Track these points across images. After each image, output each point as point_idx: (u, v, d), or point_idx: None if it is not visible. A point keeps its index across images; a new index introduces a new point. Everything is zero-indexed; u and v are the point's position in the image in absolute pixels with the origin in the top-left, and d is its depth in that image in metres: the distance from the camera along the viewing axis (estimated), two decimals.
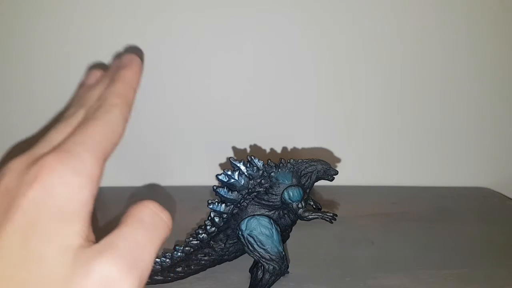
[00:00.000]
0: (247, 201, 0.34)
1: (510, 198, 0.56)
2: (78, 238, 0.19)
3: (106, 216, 0.35)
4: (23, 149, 0.22)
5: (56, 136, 0.22)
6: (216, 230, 0.35)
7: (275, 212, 0.34)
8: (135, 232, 0.20)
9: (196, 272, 0.36)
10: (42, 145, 0.22)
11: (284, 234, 0.36)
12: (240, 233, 0.34)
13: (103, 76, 0.27)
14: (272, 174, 0.34)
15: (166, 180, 0.55)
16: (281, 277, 0.35)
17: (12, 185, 0.20)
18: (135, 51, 0.49)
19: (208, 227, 0.35)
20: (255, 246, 0.33)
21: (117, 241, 0.19)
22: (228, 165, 0.34)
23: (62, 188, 0.19)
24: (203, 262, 0.35)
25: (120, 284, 0.18)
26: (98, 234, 0.20)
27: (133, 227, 0.20)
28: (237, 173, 0.33)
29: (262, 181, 0.34)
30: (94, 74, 0.28)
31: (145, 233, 0.20)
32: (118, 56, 0.28)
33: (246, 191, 0.34)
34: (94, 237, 0.20)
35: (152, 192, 0.54)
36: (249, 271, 0.37)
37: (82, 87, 0.28)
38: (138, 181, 0.55)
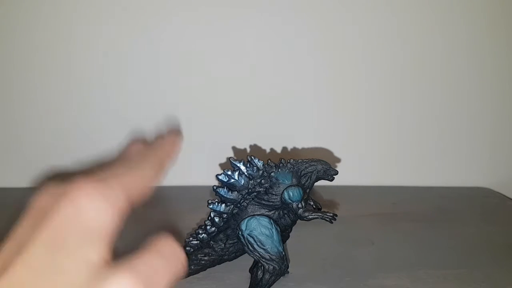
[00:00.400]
0: (247, 201, 0.34)
1: (510, 198, 0.56)
2: (100, 257, 0.20)
3: None
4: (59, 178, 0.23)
5: (94, 176, 0.24)
6: (216, 230, 0.35)
7: (275, 212, 0.34)
8: (153, 259, 0.21)
9: (196, 272, 0.36)
10: (78, 178, 0.23)
11: (284, 234, 0.36)
12: (240, 233, 0.34)
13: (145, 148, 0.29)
14: (272, 174, 0.34)
15: (166, 180, 0.55)
16: (281, 277, 0.35)
17: (46, 204, 0.21)
18: (174, 122, 0.52)
19: (208, 227, 0.35)
20: (255, 246, 0.33)
21: (135, 263, 0.20)
22: (228, 165, 0.34)
23: (92, 210, 0.20)
24: (203, 262, 0.35)
25: None
26: None
27: (151, 255, 0.21)
28: (237, 173, 0.33)
29: (262, 181, 0.34)
30: (136, 146, 0.30)
31: (162, 262, 0.21)
32: (161, 134, 0.30)
33: (246, 191, 0.34)
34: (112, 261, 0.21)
35: (152, 192, 0.53)
36: (249, 271, 0.37)
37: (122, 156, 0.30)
38: None
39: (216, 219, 0.34)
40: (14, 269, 0.19)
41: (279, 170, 0.34)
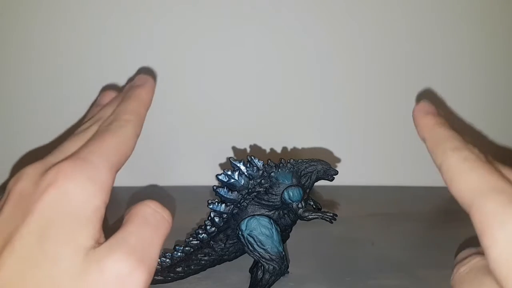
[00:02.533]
0: (247, 201, 0.34)
1: None
2: (90, 240, 0.20)
3: (108, 215, 0.35)
4: (35, 158, 0.22)
5: (70, 147, 0.23)
6: (216, 230, 0.35)
7: (275, 212, 0.34)
8: (141, 229, 0.21)
9: (196, 272, 0.36)
10: (56, 155, 0.23)
11: (284, 234, 0.36)
12: (240, 233, 0.34)
13: (117, 97, 0.28)
14: (272, 174, 0.34)
15: (166, 180, 0.56)
16: (281, 277, 0.35)
17: (27, 190, 0.20)
18: (148, 72, 0.49)
19: (208, 227, 0.35)
20: (255, 246, 0.33)
21: (126, 238, 0.20)
22: (228, 165, 0.34)
23: (77, 194, 0.20)
24: (203, 262, 0.35)
25: (132, 278, 0.19)
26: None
27: (139, 225, 0.21)
28: (237, 173, 0.33)
29: (262, 181, 0.34)
30: (108, 94, 0.29)
31: (150, 230, 0.21)
32: (132, 78, 0.29)
33: (246, 191, 0.34)
34: (104, 241, 0.21)
35: (152, 192, 0.54)
36: (249, 271, 0.37)
37: (96, 106, 0.29)
38: (138, 181, 0.55)
39: (216, 219, 0.34)
40: (1, 263, 0.18)
41: (279, 170, 0.34)
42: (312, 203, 0.37)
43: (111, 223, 0.33)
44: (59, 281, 0.18)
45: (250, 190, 0.34)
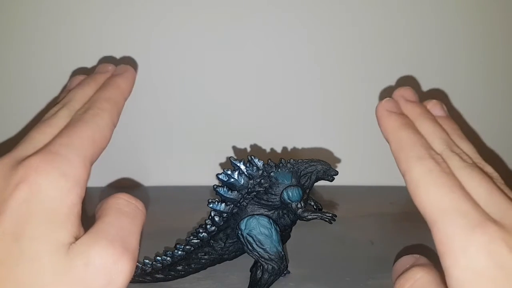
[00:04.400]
0: (246, 201, 0.34)
1: None
2: (70, 237, 0.19)
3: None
4: (3, 151, 0.21)
5: (39, 136, 0.22)
6: (216, 229, 0.35)
7: (274, 212, 0.34)
8: (118, 220, 0.21)
9: (197, 270, 0.36)
10: (25, 146, 0.21)
11: (284, 234, 0.36)
12: (239, 232, 0.34)
13: (91, 80, 0.26)
14: (272, 174, 0.34)
15: (166, 180, 0.56)
16: (281, 277, 0.35)
17: None
18: (129, 62, 0.48)
19: (208, 226, 0.35)
20: (254, 245, 0.33)
21: (106, 229, 0.20)
22: (228, 165, 0.34)
23: (50, 191, 0.19)
24: (203, 261, 0.36)
25: (117, 267, 0.19)
26: None
27: (115, 216, 0.21)
28: (237, 172, 0.33)
29: (262, 181, 0.34)
30: (78, 79, 0.27)
31: (127, 219, 0.21)
32: (106, 61, 0.28)
33: (246, 190, 0.34)
34: (83, 233, 0.20)
35: (153, 192, 0.54)
36: (250, 270, 0.37)
37: (66, 92, 0.27)
38: (139, 181, 0.55)
39: (216, 218, 0.34)
40: None
41: (279, 170, 0.34)
42: (312, 203, 0.37)
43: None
44: (41, 279, 0.18)
45: (249, 189, 0.34)
